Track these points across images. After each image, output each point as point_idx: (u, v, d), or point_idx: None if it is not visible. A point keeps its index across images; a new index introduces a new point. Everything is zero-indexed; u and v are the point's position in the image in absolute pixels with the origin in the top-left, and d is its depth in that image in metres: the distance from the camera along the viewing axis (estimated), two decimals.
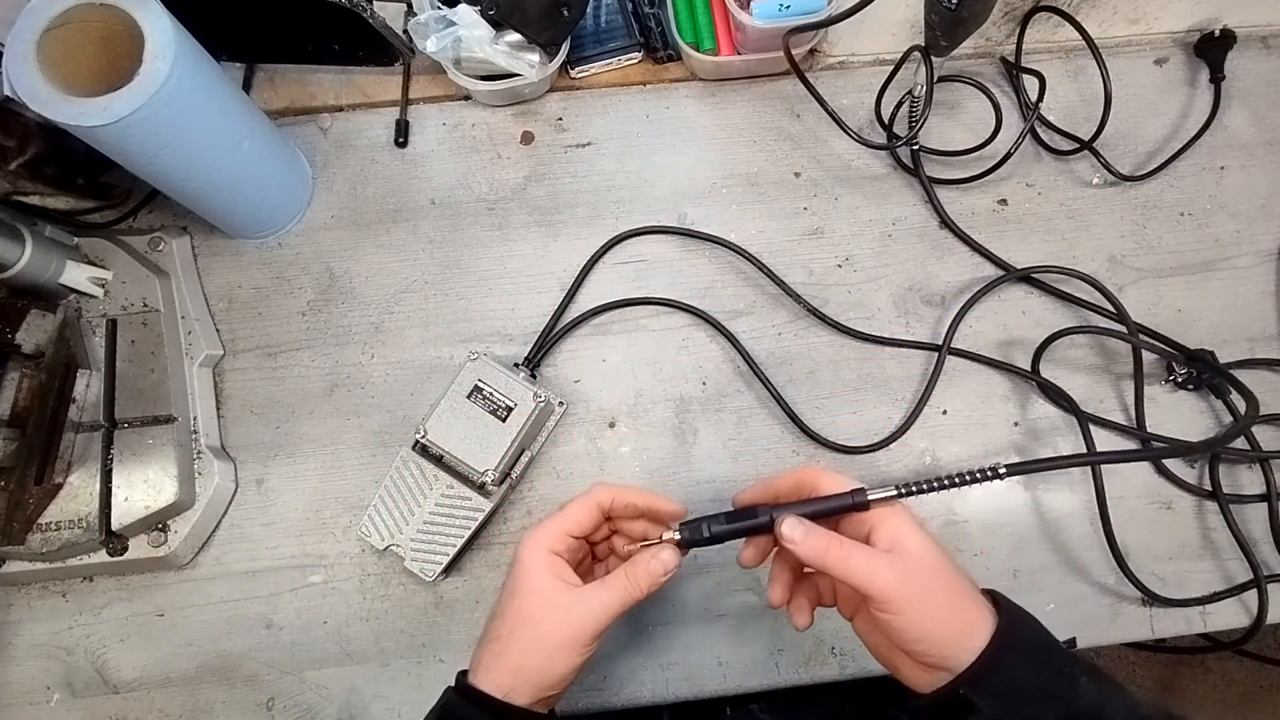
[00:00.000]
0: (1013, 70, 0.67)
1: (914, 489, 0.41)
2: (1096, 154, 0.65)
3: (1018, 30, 0.66)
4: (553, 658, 0.41)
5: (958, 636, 0.37)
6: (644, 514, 0.46)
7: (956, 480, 0.41)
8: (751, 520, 0.42)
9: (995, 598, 0.40)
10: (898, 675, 0.41)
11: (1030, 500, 0.59)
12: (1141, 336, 0.60)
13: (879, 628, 0.39)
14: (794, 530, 0.39)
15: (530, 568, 0.42)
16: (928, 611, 0.37)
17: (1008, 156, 0.62)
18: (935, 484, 0.41)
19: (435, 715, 0.42)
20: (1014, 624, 0.38)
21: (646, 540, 0.44)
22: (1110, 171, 0.65)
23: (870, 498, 0.40)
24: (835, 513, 0.41)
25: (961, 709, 0.36)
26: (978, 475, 0.41)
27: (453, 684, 0.43)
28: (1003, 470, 0.41)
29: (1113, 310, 0.61)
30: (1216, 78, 0.67)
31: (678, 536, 0.43)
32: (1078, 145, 0.65)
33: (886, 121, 0.65)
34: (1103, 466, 0.58)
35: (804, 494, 0.42)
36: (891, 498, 0.40)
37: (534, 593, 0.41)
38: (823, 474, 0.42)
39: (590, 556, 0.48)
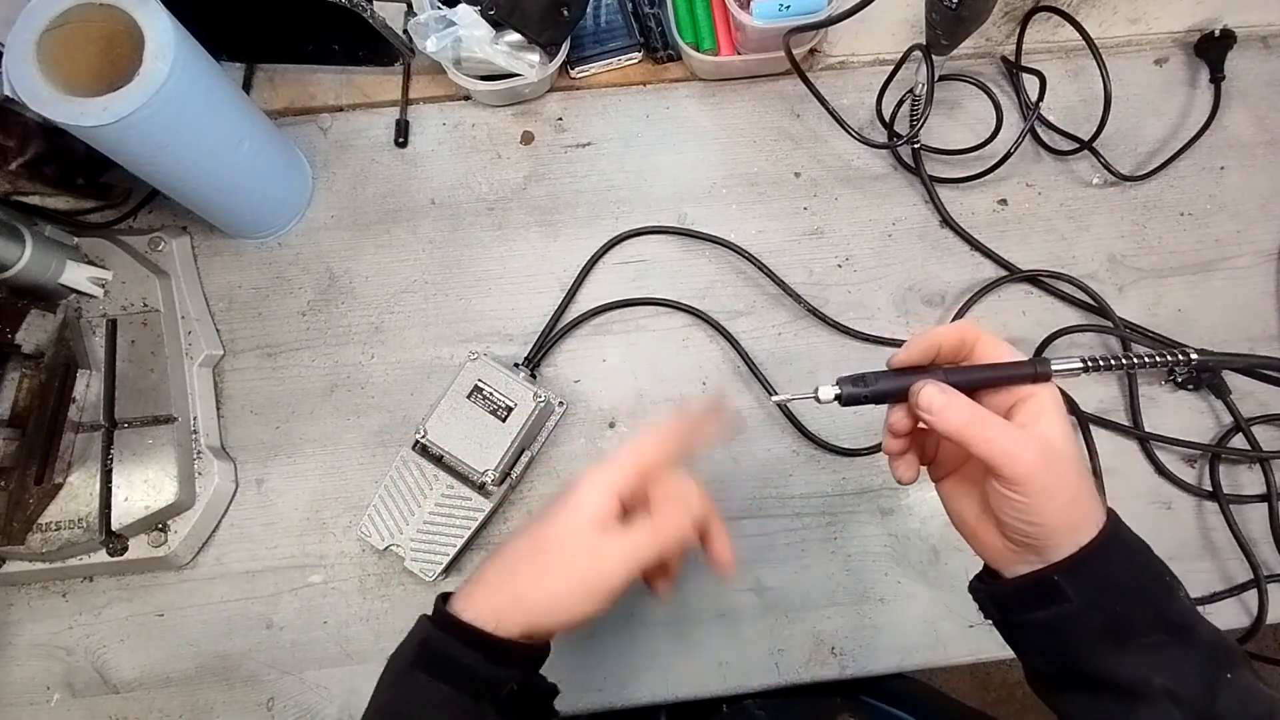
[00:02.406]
0: (1013, 70, 0.67)
1: (1100, 364, 0.38)
2: (1096, 154, 0.65)
3: (1018, 30, 0.66)
4: (559, 597, 0.37)
5: (1069, 528, 0.35)
6: (714, 440, 0.43)
7: (1145, 361, 0.38)
8: (909, 380, 0.38)
9: (1112, 511, 0.38)
10: (978, 548, 0.40)
11: None
12: (1132, 334, 0.60)
13: (996, 503, 0.36)
14: (932, 400, 0.36)
15: (581, 500, 0.38)
16: (1055, 500, 0.35)
17: (1008, 156, 0.62)
18: (1122, 361, 0.39)
19: (412, 650, 0.38)
20: (1121, 531, 0.37)
21: None
22: (1110, 171, 0.65)
23: (1054, 369, 0.37)
24: (1008, 382, 0.37)
25: (1049, 597, 0.35)
26: (1168, 357, 0.38)
27: (429, 613, 0.38)
28: (1193, 355, 0.39)
29: (1113, 311, 0.61)
30: (1216, 78, 0.67)
31: (837, 391, 0.38)
32: (1078, 145, 0.65)
33: (887, 120, 0.65)
34: (1103, 470, 0.58)
35: (962, 354, 0.38)
36: (1075, 370, 0.38)
37: (568, 526, 0.37)
38: (983, 336, 0.38)
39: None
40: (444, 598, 0.39)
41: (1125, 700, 0.34)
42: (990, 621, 0.40)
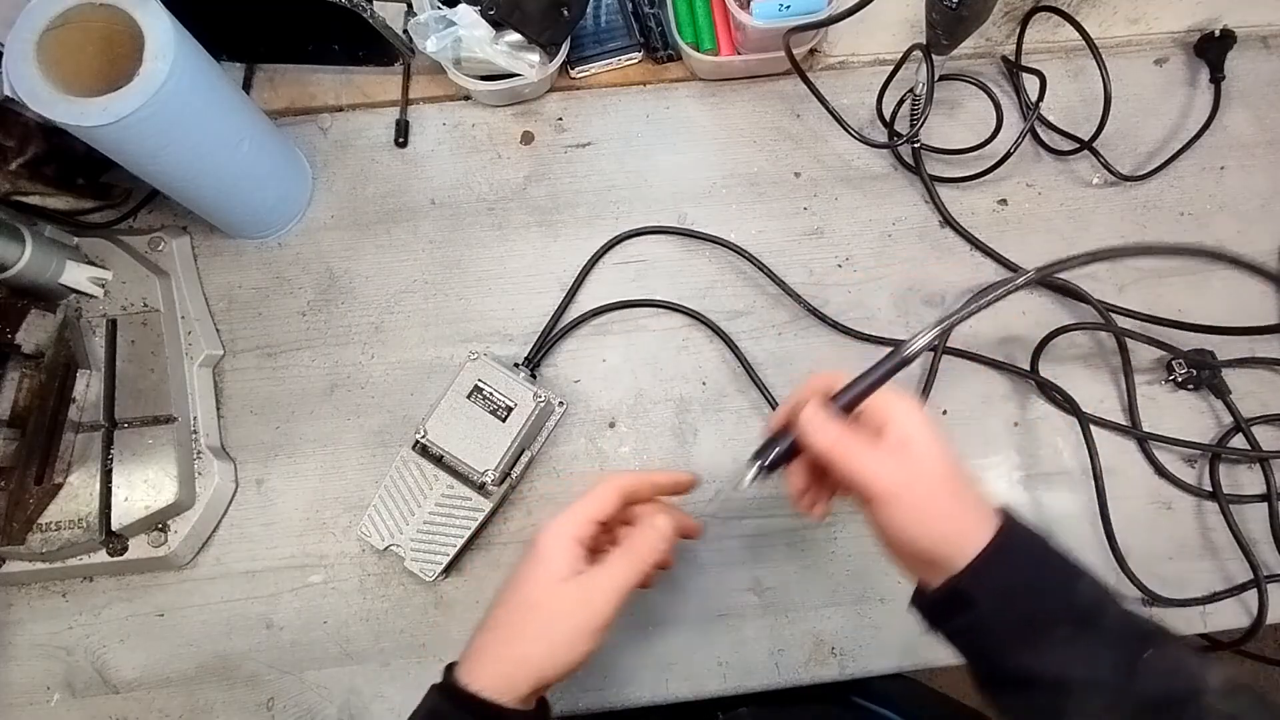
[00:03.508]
0: (1013, 70, 0.67)
1: (955, 318, 0.39)
2: (1096, 154, 0.65)
3: (1018, 30, 0.66)
4: (558, 646, 0.39)
5: (955, 539, 0.37)
6: (665, 491, 0.46)
7: (994, 295, 0.39)
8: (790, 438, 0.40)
9: (1005, 510, 0.39)
10: (900, 569, 0.41)
11: (1031, 501, 0.59)
12: (1133, 330, 0.60)
13: (874, 529, 0.39)
14: (809, 419, 0.38)
15: (547, 555, 0.41)
16: (927, 514, 0.37)
17: (1008, 156, 0.62)
18: (973, 309, 0.39)
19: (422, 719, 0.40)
20: (1016, 529, 0.38)
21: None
22: (1110, 171, 0.65)
23: (911, 349, 0.38)
24: (880, 383, 0.39)
25: (958, 605, 0.37)
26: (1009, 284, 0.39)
27: (439, 680, 0.41)
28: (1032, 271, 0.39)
29: (1113, 310, 0.61)
30: (1216, 78, 0.67)
31: (760, 464, 0.41)
32: (1078, 145, 0.65)
33: (888, 120, 0.65)
34: (1103, 471, 0.58)
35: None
36: (932, 341, 0.39)
37: (544, 580, 0.40)
38: (838, 376, 0.40)
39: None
40: (449, 668, 0.41)
41: (1052, 694, 0.35)
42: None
